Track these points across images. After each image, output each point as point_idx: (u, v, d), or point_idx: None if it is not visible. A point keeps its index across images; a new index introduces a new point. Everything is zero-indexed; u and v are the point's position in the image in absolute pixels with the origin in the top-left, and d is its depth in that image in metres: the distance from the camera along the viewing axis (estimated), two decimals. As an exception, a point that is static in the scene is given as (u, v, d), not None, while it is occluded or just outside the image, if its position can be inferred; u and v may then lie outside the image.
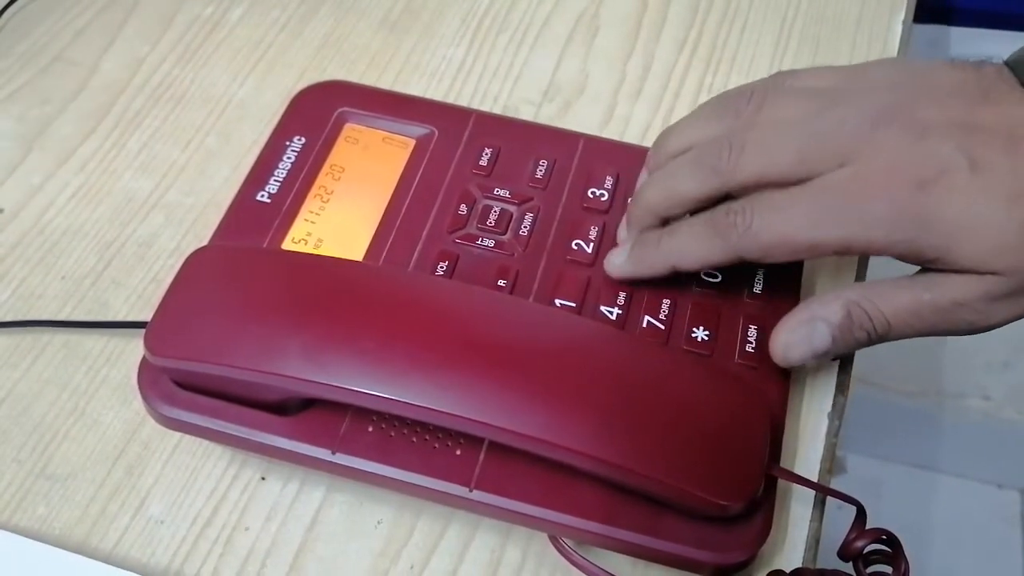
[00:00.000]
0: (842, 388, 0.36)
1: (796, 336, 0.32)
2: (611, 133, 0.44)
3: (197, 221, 0.41)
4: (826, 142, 0.31)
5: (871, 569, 0.31)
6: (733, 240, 0.32)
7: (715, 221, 0.32)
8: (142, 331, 0.32)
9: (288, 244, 0.37)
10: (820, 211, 0.31)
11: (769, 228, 0.31)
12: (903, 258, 0.31)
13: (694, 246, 0.33)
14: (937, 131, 0.30)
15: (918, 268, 0.32)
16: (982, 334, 0.32)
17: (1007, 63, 0.32)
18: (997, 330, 0.32)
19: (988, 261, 0.30)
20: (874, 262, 0.39)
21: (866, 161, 0.30)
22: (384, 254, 0.37)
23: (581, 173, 0.39)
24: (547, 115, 0.45)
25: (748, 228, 0.31)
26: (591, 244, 0.37)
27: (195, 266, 0.33)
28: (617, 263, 0.35)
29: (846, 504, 0.32)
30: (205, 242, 0.37)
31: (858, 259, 0.39)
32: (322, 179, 0.39)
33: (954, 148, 0.30)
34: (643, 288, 0.36)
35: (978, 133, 0.30)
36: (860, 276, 0.39)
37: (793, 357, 0.33)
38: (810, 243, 0.31)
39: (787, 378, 0.34)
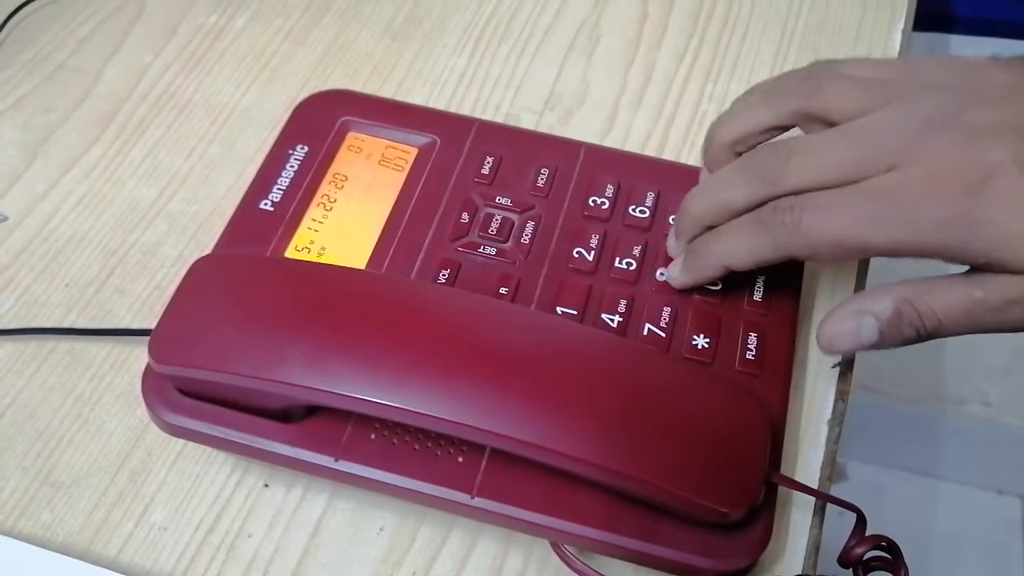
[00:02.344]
0: (842, 395, 0.36)
1: (844, 327, 0.33)
2: (612, 142, 0.44)
3: (200, 229, 0.41)
4: (876, 146, 0.31)
5: (871, 576, 0.31)
6: (783, 238, 0.32)
7: (763, 219, 0.32)
8: (146, 339, 0.32)
9: (291, 252, 0.37)
10: (871, 213, 0.30)
11: (820, 227, 0.31)
12: (952, 260, 0.31)
13: (743, 245, 0.33)
14: (987, 134, 0.30)
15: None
16: (981, 339, 0.32)
17: None
18: (996, 336, 0.32)
19: None
20: (875, 265, 0.40)
21: (916, 165, 0.30)
22: (387, 262, 0.37)
23: (582, 182, 0.39)
24: (548, 124, 0.45)
25: (798, 226, 0.31)
26: (592, 252, 0.37)
27: (199, 274, 0.33)
28: (674, 276, 0.36)
29: (847, 511, 0.32)
30: (208, 250, 0.37)
31: (858, 266, 0.40)
32: (325, 187, 0.39)
33: (1004, 151, 0.30)
34: (644, 296, 0.36)
35: None
36: (860, 283, 0.39)
37: (838, 348, 0.33)
38: (860, 244, 0.31)
39: (787, 385, 0.35)
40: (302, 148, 0.40)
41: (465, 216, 0.38)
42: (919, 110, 0.31)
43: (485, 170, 0.39)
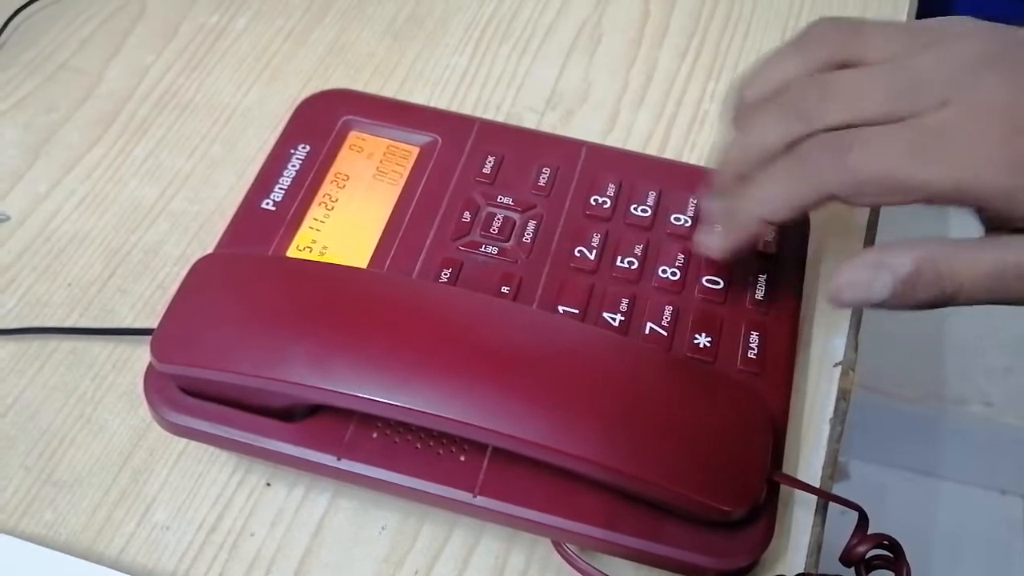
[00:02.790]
0: (844, 394, 0.36)
1: (856, 277, 0.30)
2: (614, 141, 0.44)
3: (202, 229, 0.41)
4: (925, 81, 0.29)
5: (873, 575, 0.31)
6: (827, 174, 0.29)
7: (803, 154, 0.29)
8: (148, 338, 0.32)
9: (293, 251, 0.37)
10: (927, 149, 0.28)
11: (868, 161, 0.28)
12: (995, 210, 0.29)
13: (781, 190, 0.30)
14: None
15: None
16: (983, 339, 0.32)
17: None
18: (997, 336, 0.32)
19: None
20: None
21: (972, 102, 0.28)
22: (388, 261, 0.37)
23: (584, 181, 0.39)
24: (550, 123, 0.45)
25: (843, 162, 0.28)
26: (594, 251, 0.37)
27: (200, 273, 0.33)
28: (711, 243, 0.33)
29: (848, 510, 0.32)
30: (210, 249, 0.37)
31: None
32: (327, 187, 0.39)
33: None
34: (646, 295, 0.36)
35: None
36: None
37: (845, 299, 0.30)
38: (916, 183, 0.28)
39: (789, 384, 0.35)
40: (304, 148, 0.40)
41: (467, 215, 0.38)
42: (969, 49, 0.29)
43: (487, 169, 0.39)
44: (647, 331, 0.35)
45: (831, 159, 0.29)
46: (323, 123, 0.41)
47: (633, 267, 0.37)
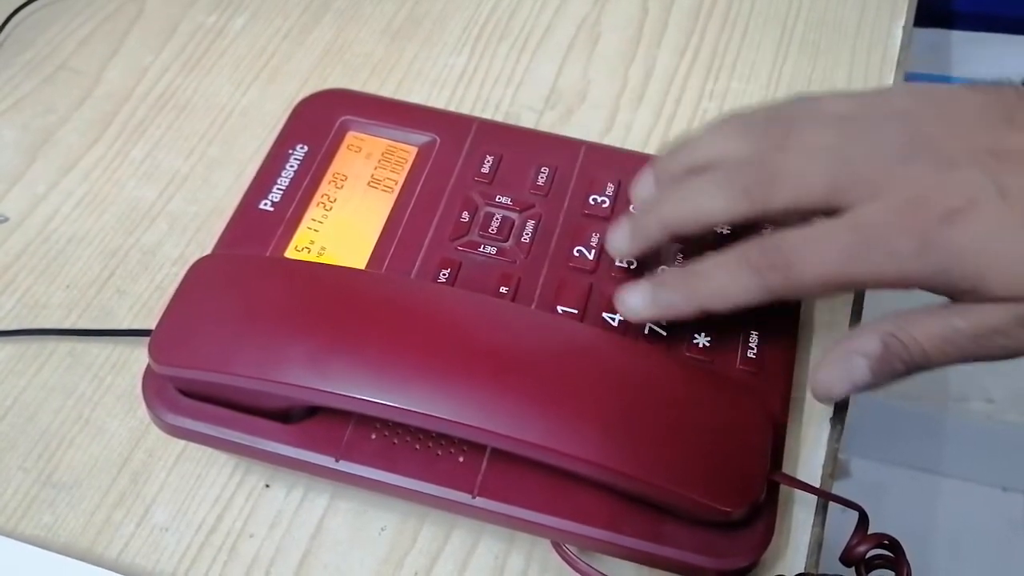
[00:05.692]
0: (844, 393, 0.36)
1: (835, 372, 0.32)
2: (613, 140, 0.44)
3: (200, 229, 0.41)
4: (857, 173, 0.31)
5: (873, 574, 0.31)
6: (775, 282, 0.31)
7: (750, 260, 0.31)
8: (146, 339, 0.32)
9: (291, 252, 0.37)
10: (856, 247, 0.30)
11: (810, 268, 0.31)
12: (936, 290, 0.30)
13: (729, 288, 0.32)
14: (964, 160, 0.30)
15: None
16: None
17: None
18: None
19: (1022, 288, 0.29)
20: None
21: (895, 194, 0.30)
22: (387, 262, 0.37)
23: (583, 180, 0.39)
24: (549, 122, 0.45)
25: (789, 269, 0.31)
26: (592, 251, 0.37)
27: (199, 274, 0.33)
28: (637, 306, 0.34)
29: (849, 508, 0.32)
30: (208, 250, 0.37)
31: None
32: (325, 187, 0.39)
33: (982, 177, 0.29)
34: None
35: (1005, 160, 0.29)
36: (858, 297, 0.39)
37: (835, 393, 0.32)
38: (848, 280, 0.31)
39: (789, 383, 0.35)
40: (302, 148, 0.40)
41: (465, 215, 0.38)
42: (896, 137, 0.31)
43: (485, 169, 0.39)
44: (646, 331, 0.35)
45: (777, 268, 0.31)
46: (321, 123, 0.41)
47: (632, 267, 0.37)
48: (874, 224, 0.30)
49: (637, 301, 0.34)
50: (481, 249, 0.37)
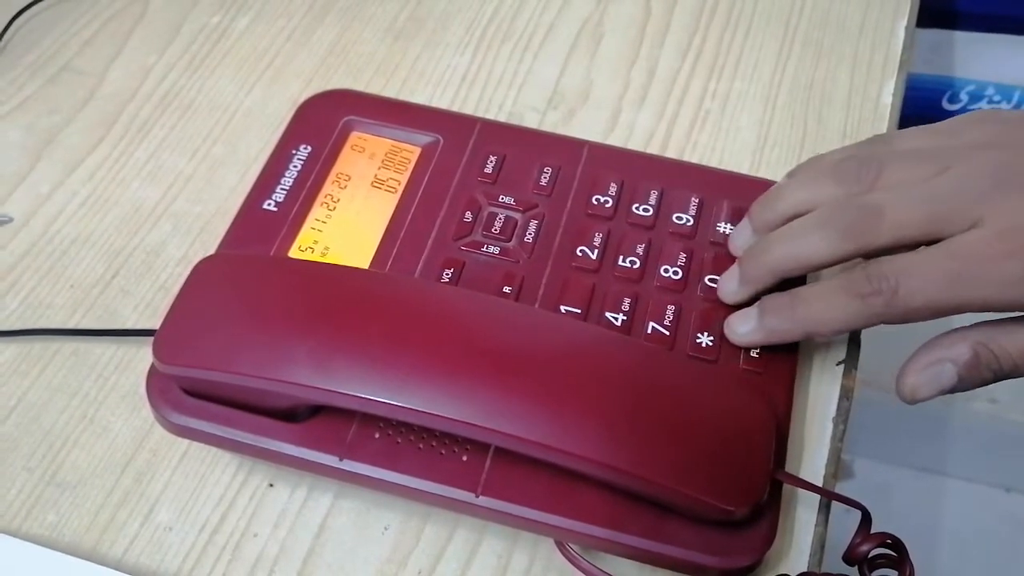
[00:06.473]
0: (847, 393, 0.36)
1: (924, 377, 0.33)
2: (615, 140, 0.44)
3: (204, 229, 0.41)
4: (954, 205, 0.32)
5: (876, 573, 0.31)
6: (879, 307, 0.32)
7: (856, 288, 0.32)
8: (150, 339, 0.32)
9: (295, 252, 0.37)
10: (960, 273, 0.31)
11: (915, 293, 0.31)
12: None
13: (834, 314, 0.33)
14: None
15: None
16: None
17: None
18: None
19: None
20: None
21: (995, 222, 0.31)
22: (390, 261, 0.37)
23: (585, 180, 0.39)
24: (552, 122, 0.45)
25: (895, 294, 0.31)
26: (595, 250, 0.37)
27: (202, 274, 0.33)
28: (744, 332, 0.35)
29: (852, 508, 0.32)
30: (212, 250, 0.37)
31: None
32: (328, 187, 0.39)
33: None
34: (648, 294, 0.36)
35: None
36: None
37: (921, 396, 0.34)
38: (953, 304, 0.31)
39: (792, 383, 0.35)
40: (305, 148, 0.40)
41: (468, 215, 0.38)
42: (985, 167, 0.32)
43: (488, 169, 0.39)
44: (649, 330, 0.35)
45: (883, 294, 0.32)
46: (325, 123, 0.41)
47: (635, 266, 0.37)
48: (978, 251, 0.31)
49: (745, 327, 0.35)
50: (484, 249, 0.37)
